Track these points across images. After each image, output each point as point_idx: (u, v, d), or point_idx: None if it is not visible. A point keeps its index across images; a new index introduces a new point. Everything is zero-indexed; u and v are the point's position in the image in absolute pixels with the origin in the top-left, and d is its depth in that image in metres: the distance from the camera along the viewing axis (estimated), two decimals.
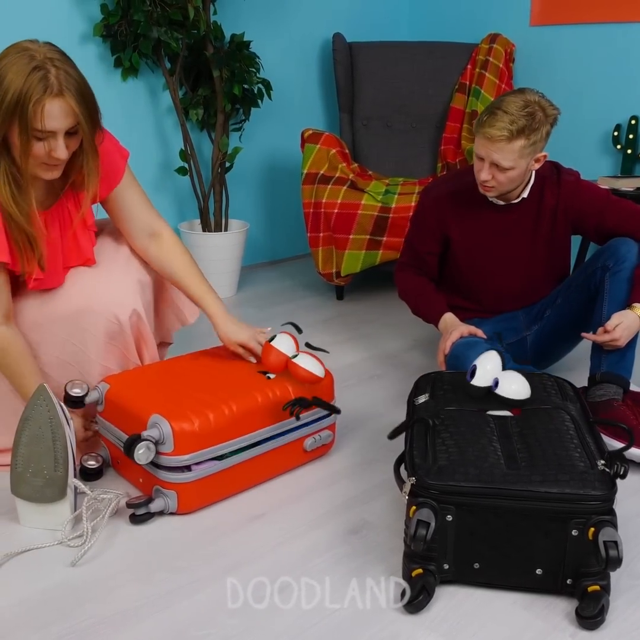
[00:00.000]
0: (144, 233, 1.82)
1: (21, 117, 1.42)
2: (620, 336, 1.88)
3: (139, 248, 1.83)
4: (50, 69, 1.42)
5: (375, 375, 2.41)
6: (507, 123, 1.84)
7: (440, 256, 2.22)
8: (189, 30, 2.86)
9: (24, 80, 1.40)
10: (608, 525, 1.28)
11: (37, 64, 1.42)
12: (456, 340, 2.01)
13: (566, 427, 1.49)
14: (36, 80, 1.41)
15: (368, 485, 1.76)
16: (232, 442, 1.63)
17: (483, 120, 1.88)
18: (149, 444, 1.52)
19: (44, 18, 2.73)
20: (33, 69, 1.41)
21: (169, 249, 1.83)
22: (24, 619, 1.32)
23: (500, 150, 1.87)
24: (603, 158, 3.24)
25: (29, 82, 1.41)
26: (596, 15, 3.19)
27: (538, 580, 1.36)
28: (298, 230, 3.80)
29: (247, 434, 1.66)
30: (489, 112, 1.88)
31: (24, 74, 1.41)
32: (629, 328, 1.89)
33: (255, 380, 1.74)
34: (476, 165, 1.97)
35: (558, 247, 2.16)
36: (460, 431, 1.48)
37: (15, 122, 1.44)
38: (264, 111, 3.48)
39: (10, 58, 1.42)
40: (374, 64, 3.44)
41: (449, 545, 1.36)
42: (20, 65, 1.41)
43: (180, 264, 1.83)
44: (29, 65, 1.41)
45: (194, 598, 1.38)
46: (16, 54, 1.43)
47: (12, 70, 1.41)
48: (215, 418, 1.60)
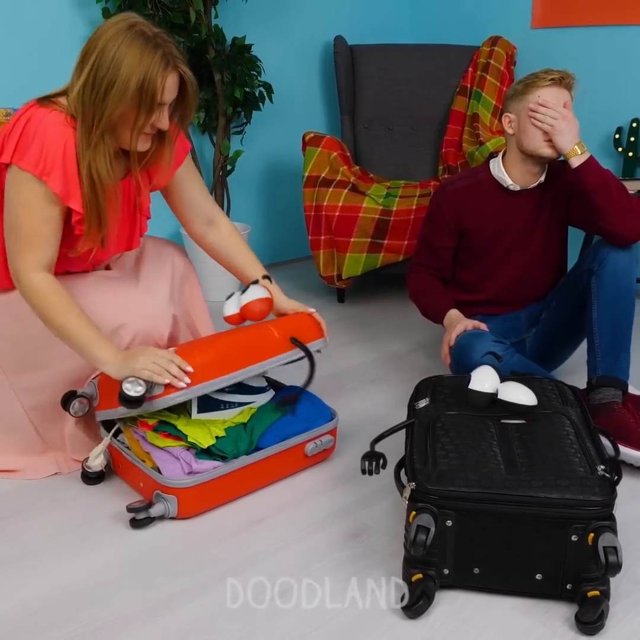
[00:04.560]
0: (201, 221, 1.90)
1: (146, 96, 1.48)
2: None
3: (196, 235, 1.92)
4: (163, 43, 1.49)
5: (376, 378, 2.41)
6: (563, 72, 1.99)
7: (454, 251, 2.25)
8: (190, 33, 2.86)
9: (147, 61, 1.46)
10: (608, 530, 1.29)
11: (154, 43, 1.47)
12: (461, 333, 2.03)
13: (566, 432, 1.49)
14: (158, 59, 1.47)
15: (368, 490, 1.77)
16: (220, 379, 1.63)
17: (538, 77, 1.99)
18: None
19: (46, 22, 2.74)
20: (152, 48, 1.47)
21: (227, 238, 1.91)
22: (27, 624, 1.33)
23: (566, 91, 2.00)
24: (604, 161, 3.24)
25: (153, 62, 1.46)
26: (597, 17, 3.19)
27: (538, 585, 1.37)
28: (299, 233, 3.81)
29: (234, 371, 1.66)
30: (535, 73, 2.00)
31: (145, 54, 1.46)
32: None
33: (256, 328, 1.77)
34: (534, 128, 1.98)
35: (555, 234, 2.20)
36: (461, 436, 1.48)
37: (137, 100, 1.48)
38: (266, 114, 3.48)
39: (122, 40, 1.46)
40: (375, 67, 3.44)
41: (449, 550, 1.36)
42: (138, 47, 1.46)
43: (237, 253, 1.91)
44: (146, 45, 1.47)
45: (195, 602, 1.39)
46: (127, 34, 1.47)
47: (130, 52, 1.46)
48: (201, 355, 1.61)
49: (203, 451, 1.65)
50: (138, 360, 1.55)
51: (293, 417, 1.78)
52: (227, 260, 1.93)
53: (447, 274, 2.27)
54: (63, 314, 1.57)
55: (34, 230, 1.56)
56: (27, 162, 1.51)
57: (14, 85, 2.72)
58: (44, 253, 1.58)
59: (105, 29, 1.49)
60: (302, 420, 1.78)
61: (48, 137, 1.51)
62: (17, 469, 1.79)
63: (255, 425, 1.74)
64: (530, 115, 1.96)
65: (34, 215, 1.55)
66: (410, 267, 2.30)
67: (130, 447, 1.72)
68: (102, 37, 1.48)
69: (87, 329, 1.58)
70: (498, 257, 2.20)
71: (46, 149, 1.51)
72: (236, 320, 1.79)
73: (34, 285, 1.57)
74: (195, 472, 1.61)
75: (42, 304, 1.57)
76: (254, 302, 1.76)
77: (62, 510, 1.67)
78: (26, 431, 1.79)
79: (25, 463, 1.80)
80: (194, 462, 1.62)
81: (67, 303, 1.58)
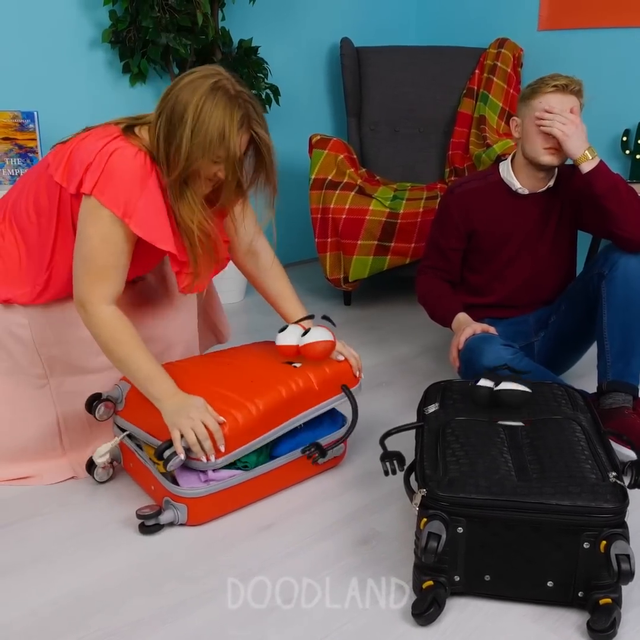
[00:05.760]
0: (243, 249, 1.89)
1: (224, 152, 1.53)
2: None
3: (237, 262, 1.92)
4: (243, 103, 1.54)
5: (384, 382, 2.40)
6: (570, 78, 1.97)
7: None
8: (197, 36, 2.86)
9: (230, 120, 1.51)
10: (620, 538, 1.28)
11: (237, 102, 1.53)
12: (469, 336, 2.02)
13: (577, 438, 1.48)
14: (239, 117, 1.52)
15: (377, 495, 1.76)
16: (258, 440, 1.63)
17: (543, 83, 1.97)
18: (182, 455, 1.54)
19: (53, 24, 2.74)
20: (237, 108, 1.53)
21: (265, 272, 1.90)
22: (36, 630, 1.32)
23: (572, 97, 1.97)
24: (612, 163, 3.23)
25: (234, 121, 1.52)
26: (604, 20, 3.18)
27: (549, 592, 1.36)
28: (305, 235, 3.80)
29: (271, 430, 1.65)
30: (542, 78, 1.99)
31: (229, 113, 1.51)
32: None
33: (280, 371, 1.74)
34: (535, 135, 1.99)
35: (564, 239, 2.19)
36: (471, 442, 1.47)
37: (212, 155, 1.53)
38: (272, 116, 3.48)
39: (207, 98, 1.51)
40: (382, 69, 3.43)
41: (460, 557, 1.36)
42: (221, 107, 1.51)
43: (274, 288, 1.91)
44: (231, 105, 1.52)
45: (204, 608, 1.38)
46: (213, 93, 1.51)
47: (215, 113, 1.51)
48: (244, 419, 1.60)
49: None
50: (189, 414, 1.55)
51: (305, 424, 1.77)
52: (263, 292, 1.93)
53: (456, 276, 2.26)
54: (126, 349, 1.59)
55: (110, 263, 1.58)
56: (109, 199, 1.53)
57: (20, 88, 2.72)
58: (116, 286, 1.60)
59: (191, 86, 1.52)
60: (313, 427, 1.77)
61: (137, 180, 1.54)
62: (33, 475, 1.79)
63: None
64: (537, 124, 1.96)
65: (111, 249, 1.57)
66: (419, 270, 2.29)
67: (144, 447, 1.71)
68: (190, 98, 1.51)
69: (149, 364, 1.60)
70: (506, 260, 2.19)
71: (130, 191, 1.53)
72: (293, 352, 1.77)
73: (103, 318, 1.58)
74: (212, 480, 1.60)
75: (107, 337, 1.59)
76: (320, 343, 1.74)
77: (71, 515, 1.67)
78: (50, 437, 1.79)
79: (41, 468, 1.80)
80: (211, 470, 1.61)
81: (132, 339, 1.60)
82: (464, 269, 2.26)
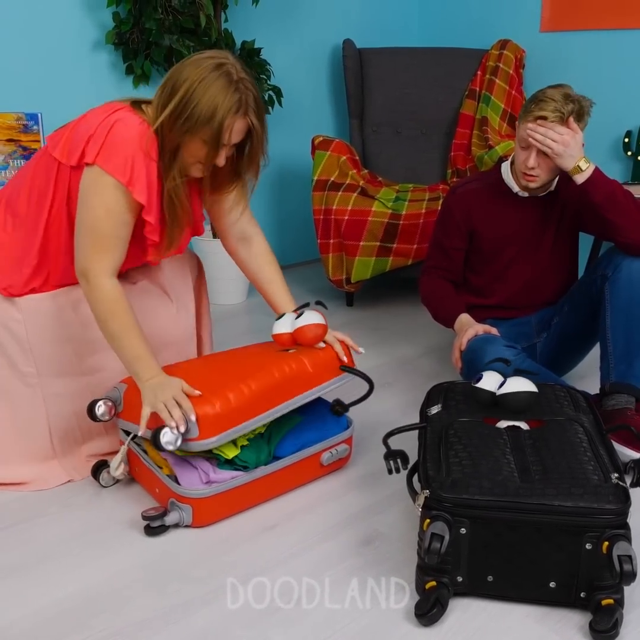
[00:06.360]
0: (235, 236, 1.91)
1: (212, 131, 1.54)
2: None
3: (229, 248, 1.94)
4: (244, 90, 1.55)
5: (387, 383, 2.41)
6: (560, 105, 1.89)
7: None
8: (200, 37, 2.87)
9: (223, 100, 1.52)
10: (622, 539, 1.28)
11: (236, 86, 1.53)
12: (472, 337, 2.03)
13: (579, 440, 1.49)
14: (233, 100, 1.53)
15: (380, 496, 1.76)
16: (254, 419, 1.63)
17: (531, 107, 1.92)
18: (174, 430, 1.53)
19: (57, 26, 2.75)
20: (233, 91, 1.53)
21: (257, 258, 1.92)
22: (41, 630, 1.33)
23: (556, 125, 1.90)
24: (613, 165, 3.24)
25: (228, 103, 1.52)
26: (606, 21, 3.18)
27: (552, 593, 1.36)
28: (308, 236, 3.81)
29: (267, 410, 1.65)
30: (535, 100, 1.93)
31: (224, 94, 1.52)
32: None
33: (274, 357, 1.74)
34: (521, 154, 2.00)
35: (565, 240, 2.20)
36: (473, 443, 1.48)
37: (202, 133, 1.54)
38: (275, 118, 3.49)
39: (207, 75, 1.52)
40: (384, 70, 3.44)
41: (463, 558, 1.36)
42: (219, 87, 1.52)
43: (265, 274, 1.92)
44: (228, 86, 1.52)
45: (208, 609, 1.39)
46: (214, 72, 1.52)
47: (211, 90, 1.51)
48: (235, 397, 1.60)
49: (226, 461, 1.65)
50: (163, 391, 1.57)
51: (309, 424, 1.78)
52: (254, 280, 1.94)
53: (459, 276, 2.27)
54: (122, 324, 1.59)
55: (114, 232, 1.59)
56: (113, 167, 1.54)
57: (24, 89, 2.73)
58: (119, 256, 1.62)
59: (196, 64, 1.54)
60: (318, 428, 1.78)
61: (138, 148, 1.55)
62: (26, 481, 1.77)
63: (273, 431, 1.74)
64: (530, 135, 1.93)
65: (115, 218, 1.58)
66: (422, 270, 2.30)
67: (148, 451, 1.72)
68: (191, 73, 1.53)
69: (141, 344, 1.61)
70: (507, 261, 2.20)
71: (132, 159, 1.55)
72: (287, 340, 1.79)
73: (104, 289, 1.59)
74: (213, 482, 1.61)
75: (106, 309, 1.59)
76: (309, 327, 1.75)
77: (75, 516, 1.68)
78: (40, 439, 1.78)
79: (33, 473, 1.78)
80: (212, 471, 1.61)
81: (129, 315, 1.61)
82: (465, 270, 2.27)
